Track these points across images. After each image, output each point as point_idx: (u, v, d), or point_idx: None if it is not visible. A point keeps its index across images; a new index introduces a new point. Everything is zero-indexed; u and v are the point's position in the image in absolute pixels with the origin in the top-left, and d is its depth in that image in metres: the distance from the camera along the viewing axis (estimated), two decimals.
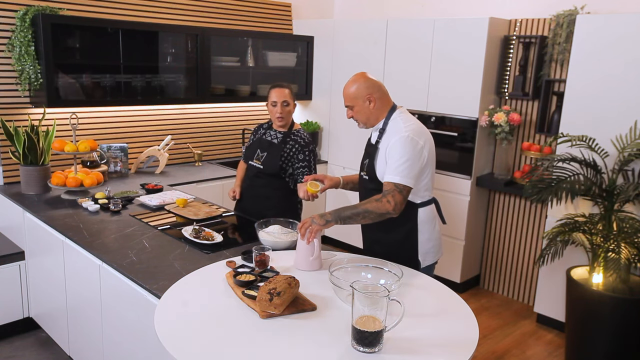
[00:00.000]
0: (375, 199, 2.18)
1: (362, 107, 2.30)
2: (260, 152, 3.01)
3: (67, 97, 3.58)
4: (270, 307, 1.72)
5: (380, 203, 2.16)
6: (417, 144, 2.20)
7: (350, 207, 2.21)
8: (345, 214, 2.19)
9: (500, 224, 4.19)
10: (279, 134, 3.01)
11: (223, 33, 4.28)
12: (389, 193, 2.16)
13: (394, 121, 2.30)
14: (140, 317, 2.14)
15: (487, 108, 3.87)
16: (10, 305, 3.25)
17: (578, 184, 3.10)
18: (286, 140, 2.96)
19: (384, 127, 2.31)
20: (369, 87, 2.28)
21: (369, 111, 2.30)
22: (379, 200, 2.16)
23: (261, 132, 3.09)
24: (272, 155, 2.96)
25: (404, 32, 4.21)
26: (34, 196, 3.25)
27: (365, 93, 2.27)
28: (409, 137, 2.20)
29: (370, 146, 2.39)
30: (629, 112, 3.15)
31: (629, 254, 2.95)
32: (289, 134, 2.99)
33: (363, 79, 2.30)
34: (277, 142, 2.98)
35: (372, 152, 2.35)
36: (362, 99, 2.28)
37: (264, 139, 3.04)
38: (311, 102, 5.03)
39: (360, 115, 2.32)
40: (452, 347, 1.61)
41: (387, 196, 2.16)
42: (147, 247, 2.44)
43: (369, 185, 2.39)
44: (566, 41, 3.61)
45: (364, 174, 2.41)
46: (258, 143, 3.05)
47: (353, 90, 2.29)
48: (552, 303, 3.63)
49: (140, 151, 4.11)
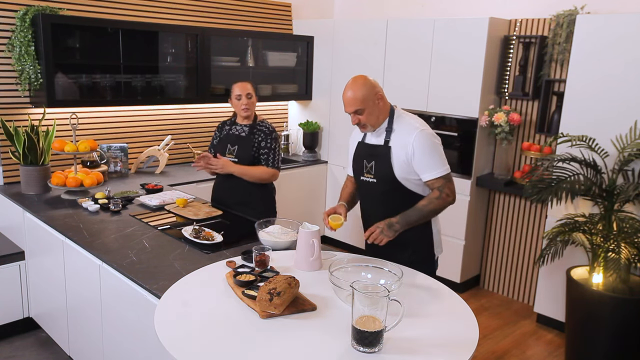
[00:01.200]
0: (434, 197, 2.25)
1: (373, 108, 2.24)
2: (230, 146, 3.14)
3: (67, 97, 3.58)
4: (270, 307, 1.72)
5: (442, 200, 2.26)
6: (432, 133, 2.28)
7: (415, 211, 2.26)
8: (412, 219, 2.26)
9: (500, 224, 4.19)
10: (245, 127, 3.15)
11: (223, 33, 4.28)
12: (444, 187, 2.25)
13: (400, 119, 2.30)
14: (140, 317, 2.14)
15: (487, 108, 3.87)
16: (10, 305, 3.25)
17: (578, 184, 3.10)
18: (253, 132, 3.13)
19: (390, 126, 2.29)
20: (374, 87, 2.25)
21: (379, 110, 2.27)
22: (439, 197, 2.25)
23: (226, 129, 3.22)
24: (244, 147, 3.11)
25: (404, 32, 4.21)
26: (34, 196, 3.25)
27: (373, 93, 2.24)
28: (425, 130, 2.26)
29: (375, 147, 2.33)
30: (629, 112, 3.15)
31: (629, 254, 2.95)
32: (254, 125, 3.16)
33: (365, 79, 2.26)
34: (245, 135, 3.14)
35: (382, 153, 2.29)
36: (372, 99, 2.23)
37: (231, 134, 3.17)
38: (311, 102, 5.03)
39: (371, 117, 2.26)
40: (452, 347, 1.61)
41: (444, 191, 2.25)
42: (147, 247, 2.44)
43: (378, 188, 2.33)
44: (566, 41, 3.61)
45: (370, 177, 2.34)
46: (226, 139, 3.18)
47: (362, 93, 2.21)
48: (552, 303, 3.63)
49: (140, 151, 4.12)
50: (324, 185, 4.96)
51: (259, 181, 3.11)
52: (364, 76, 2.28)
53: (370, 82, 2.26)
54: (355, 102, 2.23)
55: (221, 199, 3.20)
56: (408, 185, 2.30)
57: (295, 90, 4.93)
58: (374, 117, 2.27)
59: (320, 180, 4.93)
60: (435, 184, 2.25)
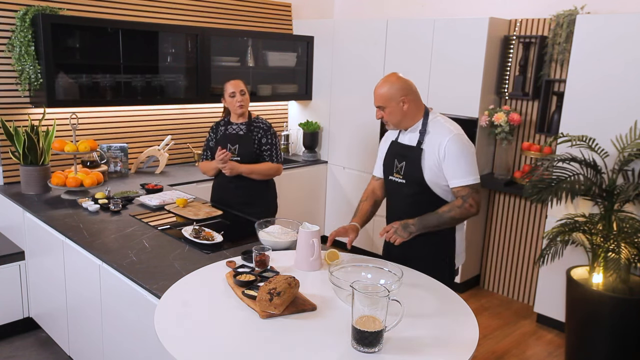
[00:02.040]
0: (457, 205, 2.20)
1: (395, 108, 2.23)
2: (230, 145, 3.13)
3: (67, 97, 3.58)
4: (270, 307, 1.72)
5: (464, 209, 2.20)
6: (467, 139, 2.23)
7: (434, 216, 2.22)
8: (431, 223, 2.22)
9: (500, 224, 4.19)
10: (241, 125, 3.16)
11: (223, 33, 4.28)
12: (468, 197, 2.19)
13: (435, 121, 2.27)
14: (140, 317, 2.14)
15: (487, 108, 3.87)
16: (10, 305, 3.25)
17: (578, 184, 3.10)
18: (251, 129, 3.15)
19: (424, 128, 2.26)
20: (403, 89, 2.23)
21: (402, 113, 2.24)
22: (461, 206, 2.20)
23: (222, 129, 3.20)
24: (245, 145, 3.12)
25: (404, 32, 4.21)
26: (34, 196, 3.26)
27: (399, 94, 2.22)
28: (460, 135, 2.21)
29: (408, 148, 2.30)
30: (629, 112, 3.15)
31: (629, 254, 2.95)
32: (251, 123, 3.17)
33: (396, 79, 2.24)
34: (243, 133, 3.14)
35: (413, 155, 2.26)
36: (395, 100, 2.22)
37: (228, 133, 3.16)
38: (311, 102, 5.03)
39: (392, 116, 2.25)
40: (452, 347, 1.61)
41: (467, 200, 2.19)
42: (147, 247, 2.44)
43: (406, 190, 2.31)
44: (566, 41, 3.61)
45: (399, 177, 2.32)
46: (225, 138, 3.16)
47: (385, 91, 2.22)
48: (552, 303, 3.63)
49: (140, 151, 4.12)
50: (324, 185, 4.96)
51: (267, 177, 3.16)
52: (396, 75, 2.27)
53: (400, 83, 2.24)
54: (378, 98, 2.26)
55: (224, 199, 3.18)
56: (437, 190, 2.26)
57: (295, 90, 4.93)
58: (395, 117, 2.26)
59: (320, 180, 4.93)
60: (461, 192, 2.20)
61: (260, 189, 3.17)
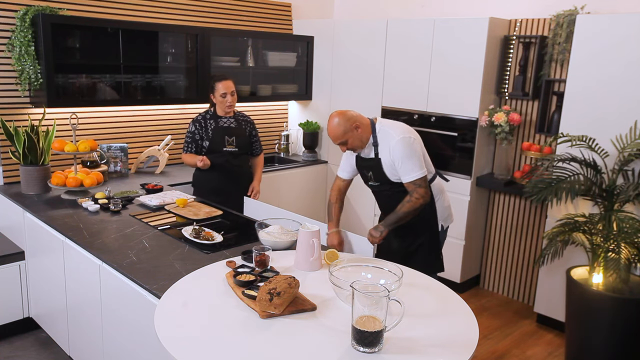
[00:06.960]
0: (406, 201, 2.59)
1: (353, 136, 2.59)
2: (228, 137, 3.39)
3: (67, 97, 3.58)
4: (270, 307, 1.72)
5: (412, 202, 2.58)
6: (409, 140, 2.58)
7: (392, 214, 2.62)
8: (392, 221, 2.61)
9: (500, 224, 4.19)
10: (230, 119, 3.44)
11: (223, 33, 4.28)
12: (413, 191, 2.58)
13: (381, 132, 2.62)
14: (140, 317, 2.14)
15: (487, 108, 3.87)
16: (10, 305, 3.25)
17: (578, 184, 3.10)
18: (240, 122, 3.47)
19: (375, 141, 2.62)
20: (349, 119, 2.57)
21: (360, 136, 2.60)
22: (410, 200, 2.58)
23: (211, 123, 3.40)
24: (241, 137, 3.44)
25: (404, 32, 4.21)
26: (34, 196, 3.26)
27: (350, 124, 2.56)
28: (402, 138, 2.56)
29: (368, 160, 2.69)
30: (629, 112, 3.15)
31: (629, 254, 2.95)
32: (236, 117, 3.48)
33: (338, 114, 2.59)
34: (234, 126, 3.44)
35: (375, 165, 2.67)
36: (349, 130, 2.57)
37: (221, 127, 3.38)
38: (311, 102, 5.03)
39: (355, 143, 2.61)
40: (452, 347, 1.61)
41: (413, 194, 2.58)
42: (147, 247, 2.44)
43: (383, 189, 2.74)
44: (566, 41, 3.61)
45: (374, 182, 2.73)
46: (221, 131, 3.39)
47: (338, 128, 2.57)
48: (552, 303, 3.63)
49: (140, 151, 4.12)
50: (324, 185, 4.96)
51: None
52: (336, 112, 2.61)
53: (344, 117, 2.57)
54: (337, 137, 2.60)
55: (224, 189, 3.39)
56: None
57: (295, 90, 4.93)
58: (357, 141, 2.61)
59: (320, 180, 4.93)
60: (409, 187, 2.59)
61: (250, 177, 3.61)
